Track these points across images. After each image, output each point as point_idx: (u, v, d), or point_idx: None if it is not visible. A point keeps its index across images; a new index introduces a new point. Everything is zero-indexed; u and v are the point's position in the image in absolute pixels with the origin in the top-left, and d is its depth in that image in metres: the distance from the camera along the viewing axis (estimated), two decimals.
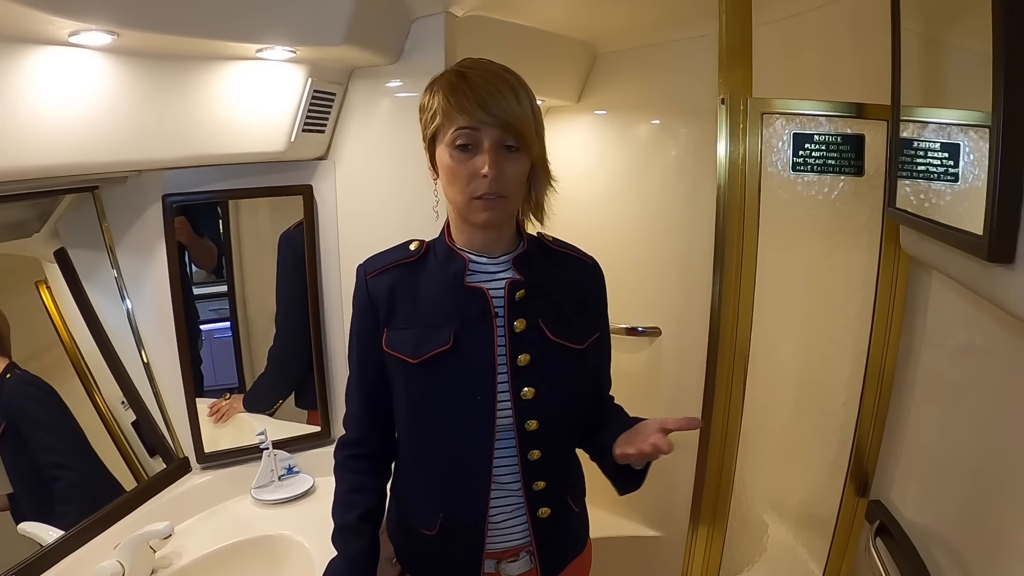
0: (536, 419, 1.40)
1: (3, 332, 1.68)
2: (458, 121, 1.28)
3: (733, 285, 1.97)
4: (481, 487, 1.43)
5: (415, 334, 1.41)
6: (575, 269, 1.52)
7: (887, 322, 1.88)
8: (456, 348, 1.38)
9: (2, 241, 1.76)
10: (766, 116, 1.90)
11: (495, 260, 1.42)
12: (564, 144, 3.16)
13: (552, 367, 1.42)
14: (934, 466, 1.67)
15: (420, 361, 1.39)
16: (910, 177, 1.53)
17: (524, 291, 1.40)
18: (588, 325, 1.49)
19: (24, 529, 1.60)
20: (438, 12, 1.93)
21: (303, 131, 1.97)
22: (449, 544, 1.49)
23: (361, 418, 1.54)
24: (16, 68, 1.27)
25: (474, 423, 1.41)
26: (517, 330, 1.39)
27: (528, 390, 1.39)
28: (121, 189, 1.92)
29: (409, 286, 1.44)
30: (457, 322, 1.39)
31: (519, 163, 1.31)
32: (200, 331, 2.10)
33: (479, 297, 1.39)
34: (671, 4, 2.38)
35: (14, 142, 1.34)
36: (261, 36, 1.59)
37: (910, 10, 1.54)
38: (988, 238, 1.06)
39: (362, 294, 1.47)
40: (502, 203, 1.32)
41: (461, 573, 1.50)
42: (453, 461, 1.45)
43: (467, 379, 1.40)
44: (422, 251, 1.46)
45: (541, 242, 1.50)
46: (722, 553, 2.24)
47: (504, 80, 1.28)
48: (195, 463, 2.05)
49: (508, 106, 1.26)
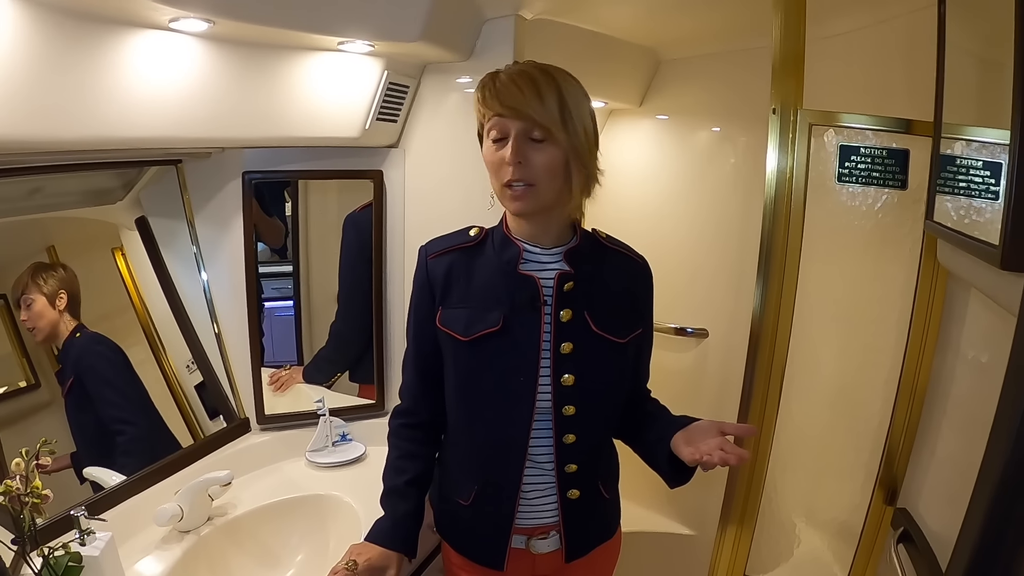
0: (574, 405, 1.47)
1: (75, 294, 1.76)
2: (486, 114, 1.39)
3: (775, 292, 2.00)
4: (516, 463, 1.50)
5: (467, 314, 1.48)
6: (625, 266, 1.58)
7: (923, 334, 1.89)
8: (504, 330, 1.45)
9: (87, 206, 1.85)
10: (815, 127, 1.93)
11: (548, 251, 1.48)
12: (625, 146, 3.15)
13: (593, 357, 1.48)
14: (961, 479, 1.61)
15: (470, 340, 1.46)
16: (950, 193, 1.55)
17: (572, 283, 1.46)
18: (632, 321, 1.54)
19: (90, 473, 1.68)
20: (508, 14, 1.98)
21: (377, 120, 2.03)
22: (481, 514, 1.56)
23: (415, 389, 1.61)
24: (119, 48, 1.35)
25: (515, 403, 1.47)
26: (563, 319, 1.45)
27: (568, 377, 1.45)
28: (204, 164, 2.00)
29: (465, 269, 1.51)
30: (507, 306, 1.46)
31: (546, 153, 1.36)
32: (263, 306, 2.17)
33: (530, 284, 1.45)
34: (731, 15, 2.39)
35: (110, 114, 1.42)
36: (344, 30, 1.66)
37: (958, 29, 1.56)
38: (1002, 247, 1.10)
39: (422, 273, 1.54)
40: (530, 191, 1.38)
41: (491, 544, 1.56)
42: (492, 436, 1.51)
43: (512, 361, 1.46)
44: (481, 237, 1.53)
45: (595, 238, 1.56)
46: (749, 553, 2.28)
47: (530, 78, 1.35)
48: (255, 424, 2.14)
49: (526, 100, 1.33)
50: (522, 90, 1.33)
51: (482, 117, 1.42)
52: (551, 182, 1.39)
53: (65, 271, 1.74)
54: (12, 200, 1.62)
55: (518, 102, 1.33)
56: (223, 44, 1.57)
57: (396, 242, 2.24)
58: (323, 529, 1.88)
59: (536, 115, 1.33)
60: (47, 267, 1.71)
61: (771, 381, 2.07)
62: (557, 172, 1.38)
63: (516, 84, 1.34)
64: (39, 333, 1.69)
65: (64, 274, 1.74)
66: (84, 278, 1.79)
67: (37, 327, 1.68)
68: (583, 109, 1.40)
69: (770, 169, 1.97)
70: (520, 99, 1.33)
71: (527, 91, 1.33)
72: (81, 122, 1.37)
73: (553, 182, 1.39)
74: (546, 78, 1.36)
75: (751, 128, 2.76)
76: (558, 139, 1.35)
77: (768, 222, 1.99)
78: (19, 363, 1.65)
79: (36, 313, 1.67)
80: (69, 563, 1.32)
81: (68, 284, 1.74)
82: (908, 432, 1.95)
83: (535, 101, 1.33)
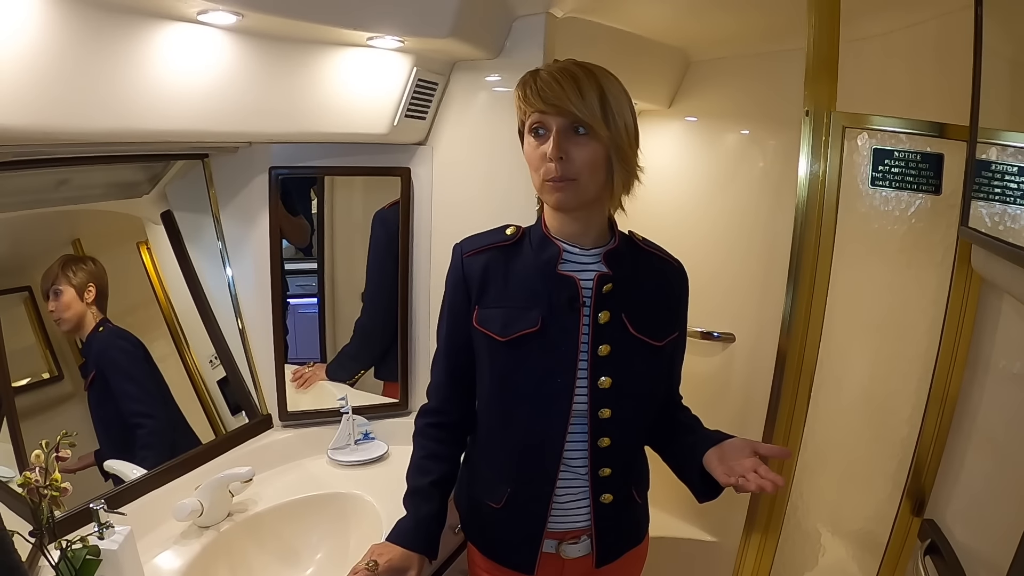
0: (610, 408, 1.45)
1: (103, 287, 1.77)
2: (527, 111, 1.38)
3: (806, 298, 1.99)
4: (551, 467, 1.48)
5: (504, 314, 1.47)
6: (662, 269, 1.57)
7: (955, 342, 1.86)
8: (543, 331, 1.44)
9: (113, 199, 1.86)
10: (848, 130, 1.92)
11: (587, 252, 1.47)
12: (654, 148, 3.10)
13: (631, 360, 1.47)
14: (991, 492, 1.65)
15: (508, 340, 1.45)
16: (985, 199, 1.52)
17: (612, 285, 1.45)
18: (669, 324, 1.53)
19: (110, 466, 1.69)
20: (539, 12, 1.97)
21: (405, 116, 2.03)
22: (513, 518, 1.54)
23: (444, 389, 1.60)
24: (147, 40, 1.34)
25: (551, 405, 1.46)
26: (601, 321, 1.44)
27: (605, 379, 1.44)
28: (230, 159, 2.00)
29: (502, 268, 1.50)
30: (545, 307, 1.44)
31: (588, 148, 1.35)
32: (287, 303, 2.17)
33: (569, 285, 1.44)
34: (765, 16, 2.38)
35: (138, 106, 1.41)
36: (373, 25, 1.65)
37: (995, 32, 1.53)
38: None
39: (457, 271, 1.53)
40: (572, 186, 1.37)
41: (521, 548, 1.55)
42: (527, 439, 1.50)
43: (549, 362, 1.45)
44: (518, 236, 1.52)
45: (631, 240, 1.55)
46: (773, 562, 2.26)
47: (570, 74, 1.34)
48: (277, 420, 2.13)
49: (567, 95, 1.32)
50: (563, 86, 1.33)
51: (523, 115, 1.41)
52: (593, 176, 1.38)
53: (95, 264, 1.75)
54: (39, 191, 1.63)
55: (559, 98, 1.32)
56: (252, 38, 1.56)
57: (423, 239, 2.23)
58: (344, 528, 1.87)
59: (577, 110, 1.32)
60: (77, 260, 1.72)
61: (799, 387, 2.06)
62: (599, 167, 1.38)
63: (557, 81, 1.33)
64: (65, 324, 1.69)
65: (94, 267, 1.75)
66: (109, 271, 1.80)
67: (63, 318, 1.69)
68: (624, 105, 1.39)
69: (802, 172, 1.96)
70: (561, 95, 1.32)
71: (568, 87, 1.33)
72: (108, 114, 1.36)
73: (595, 176, 1.38)
74: (587, 74, 1.35)
75: (780, 131, 2.76)
76: (600, 134, 1.35)
77: (800, 226, 1.98)
78: (43, 355, 1.66)
79: (64, 304, 1.68)
80: (87, 556, 1.31)
81: (97, 278, 1.75)
82: (937, 442, 1.92)
83: (576, 97, 1.32)
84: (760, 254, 2.85)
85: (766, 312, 2.73)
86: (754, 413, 2.49)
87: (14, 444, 1.43)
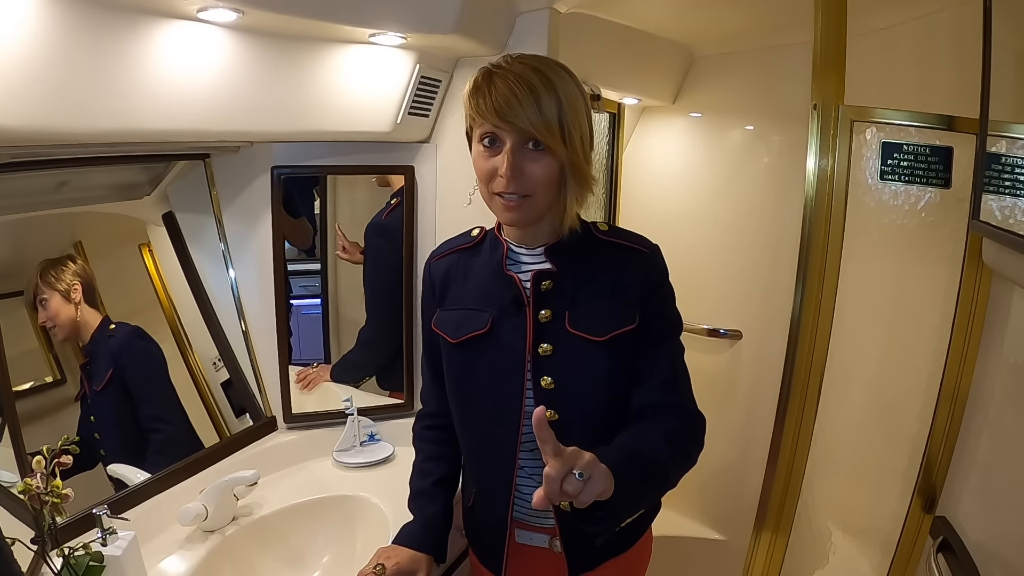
0: (555, 409, 1.38)
1: (89, 283, 1.70)
2: (476, 120, 1.32)
3: (815, 294, 1.98)
4: (506, 470, 1.46)
5: (458, 316, 1.46)
6: (619, 259, 1.44)
7: (965, 337, 1.85)
8: (492, 332, 1.42)
9: (114, 201, 1.84)
10: (856, 124, 1.91)
11: (532, 250, 1.44)
12: (658, 144, 3.14)
13: (570, 359, 1.39)
14: (1004, 488, 1.63)
15: (458, 342, 1.45)
16: (996, 192, 1.52)
17: (551, 282, 1.40)
18: (621, 317, 1.40)
19: (114, 470, 1.66)
20: (542, 8, 1.95)
21: (408, 114, 2.01)
22: (482, 519, 1.56)
23: (434, 392, 1.61)
24: (146, 39, 1.32)
25: (503, 407, 1.43)
26: (542, 320, 1.39)
27: (547, 380, 1.39)
28: (232, 159, 1.98)
29: (463, 270, 1.50)
30: (496, 308, 1.42)
31: (543, 163, 1.29)
32: (291, 304, 2.15)
33: (512, 284, 1.41)
34: (770, 10, 2.37)
35: (137, 106, 1.38)
36: (375, 21, 1.63)
37: (1005, 24, 1.53)
38: None
39: (425, 275, 1.56)
40: (526, 203, 1.32)
41: (491, 549, 1.55)
42: (483, 441, 1.50)
43: (499, 364, 1.42)
44: (479, 238, 1.51)
45: (589, 232, 1.46)
46: (783, 560, 2.25)
47: (527, 85, 1.26)
48: (282, 423, 2.12)
49: (525, 112, 1.24)
50: (520, 100, 1.25)
51: (472, 121, 1.35)
52: (547, 192, 1.33)
53: (73, 262, 1.70)
54: (39, 194, 1.61)
55: (516, 115, 1.25)
56: (252, 35, 1.55)
57: (427, 237, 2.22)
58: (350, 530, 1.86)
59: (535, 128, 1.26)
60: (54, 262, 1.66)
61: (809, 384, 2.05)
62: (553, 182, 1.32)
63: (514, 94, 1.25)
64: (60, 331, 1.66)
65: (73, 265, 1.69)
66: (111, 274, 1.78)
67: (57, 325, 1.65)
68: (581, 112, 1.33)
69: (810, 166, 1.95)
70: (518, 110, 1.25)
71: (525, 101, 1.25)
72: (108, 114, 1.35)
73: (549, 191, 1.33)
74: (544, 84, 1.27)
75: (785, 127, 2.76)
76: (556, 151, 1.29)
77: (808, 221, 1.97)
78: (45, 358, 1.64)
79: (53, 312, 1.64)
80: (90, 563, 1.30)
81: (79, 274, 1.70)
82: (948, 438, 1.92)
83: (534, 112, 1.25)
84: (765, 250, 2.85)
85: (773, 308, 2.73)
86: (762, 410, 2.49)
87: (15, 449, 1.41)
